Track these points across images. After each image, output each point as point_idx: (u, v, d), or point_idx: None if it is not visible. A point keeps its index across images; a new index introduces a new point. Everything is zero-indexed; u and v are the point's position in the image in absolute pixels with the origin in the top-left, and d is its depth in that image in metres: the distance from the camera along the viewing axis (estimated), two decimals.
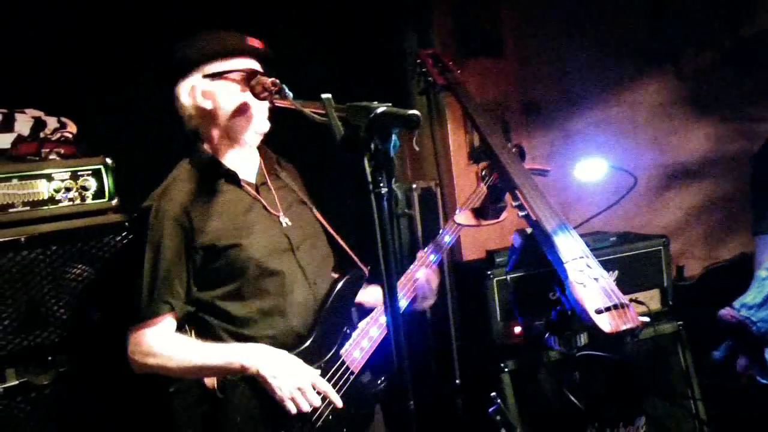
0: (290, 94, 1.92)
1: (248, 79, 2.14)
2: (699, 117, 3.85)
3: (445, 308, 3.45)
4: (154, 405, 2.51)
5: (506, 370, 2.99)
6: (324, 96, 1.48)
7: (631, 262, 3.20)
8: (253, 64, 2.21)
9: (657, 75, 3.95)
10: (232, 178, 2.24)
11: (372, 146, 1.34)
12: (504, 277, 2.88)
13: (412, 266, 2.44)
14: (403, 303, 2.39)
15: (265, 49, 2.24)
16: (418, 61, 2.57)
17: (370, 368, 2.30)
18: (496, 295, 3.04)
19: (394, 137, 1.35)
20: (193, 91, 2.20)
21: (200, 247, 2.13)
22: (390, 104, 1.36)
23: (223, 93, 2.18)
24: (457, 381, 3.50)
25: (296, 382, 2.09)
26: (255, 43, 2.22)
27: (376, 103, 1.36)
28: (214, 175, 2.21)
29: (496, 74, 4.11)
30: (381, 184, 1.35)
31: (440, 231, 2.46)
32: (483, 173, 2.39)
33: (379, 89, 3.63)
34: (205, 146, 2.26)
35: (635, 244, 3.25)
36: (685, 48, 3.86)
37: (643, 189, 3.92)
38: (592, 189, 3.49)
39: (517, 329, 3.05)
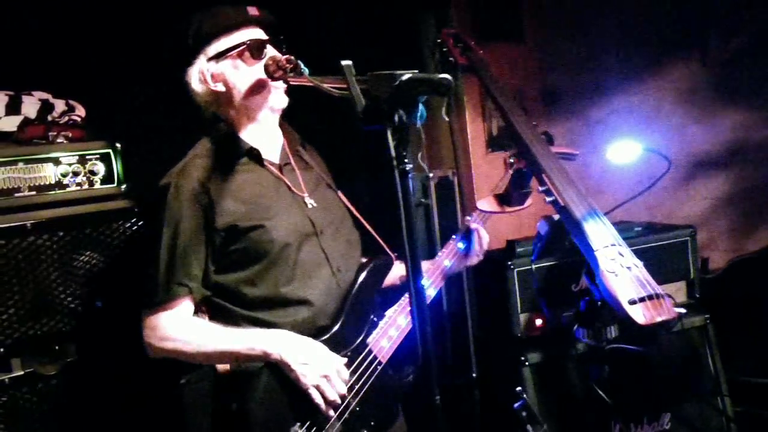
0: (306, 71, 1.82)
1: (256, 49, 2.06)
2: (726, 104, 3.73)
3: (462, 299, 3.38)
4: (165, 397, 2.46)
5: (527, 363, 2.89)
6: (344, 63, 1.37)
7: (657, 253, 3.11)
8: (257, 33, 2.11)
9: (683, 61, 3.84)
10: (255, 156, 2.15)
11: (396, 118, 1.24)
12: (528, 267, 2.78)
13: (439, 254, 2.36)
14: (431, 292, 2.31)
15: (266, 16, 2.14)
16: (439, 41, 2.46)
17: (398, 359, 2.21)
18: (517, 286, 2.96)
19: (421, 106, 1.25)
20: (203, 76, 2.12)
21: (221, 227, 2.04)
22: (416, 71, 1.26)
23: (233, 72, 2.09)
24: (474, 374, 3.39)
25: (321, 369, 2.00)
26: (252, 11, 2.11)
27: (400, 71, 1.26)
28: (235, 154, 2.13)
29: (514, 60, 4.01)
30: (405, 160, 1.26)
31: (467, 217, 2.37)
32: (511, 160, 2.28)
33: None
34: (225, 126, 2.18)
35: (661, 234, 3.17)
36: (712, 33, 3.74)
37: (666, 178, 3.81)
38: (613, 177, 3.40)
39: (539, 321, 2.96)
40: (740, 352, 3.35)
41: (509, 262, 2.95)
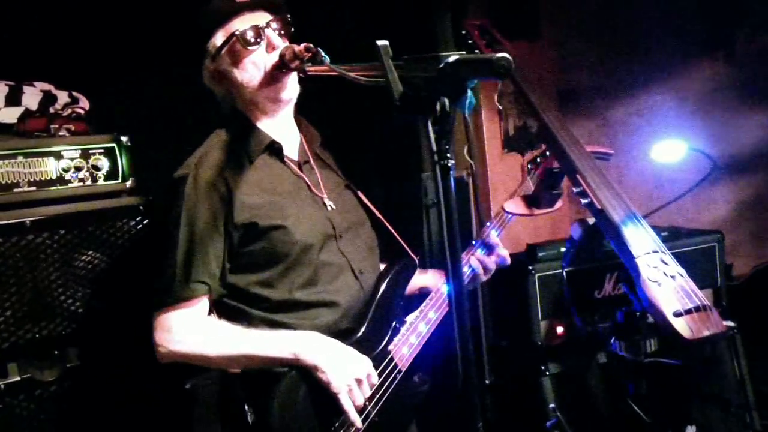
0: (327, 58, 1.69)
1: (248, 38, 1.95)
2: (752, 106, 3.61)
3: (476, 304, 3.27)
4: (171, 403, 2.36)
5: (548, 373, 2.77)
6: (380, 43, 1.24)
7: (684, 259, 2.95)
8: (258, 17, 1.99)
9: (707, 60, 3.72)
10: (277, 150, 2.06)
11: (438, 107, 1.11)
12: (549, 272, 2.66)
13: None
14: None
15: None
16: (464, 32, 2.34)
17: (414, 367, 2.12)
18: (538, 292, 2.83)
19: (470, 93, 1.12)
20: (211, 74, 2.05)
21: (239, 223, 1.94)
22: (463, 52, 1.14)
23: (237, 65, 1.99)
24: (487, 381, 3.29)
25: (355, 372, 1.91)
26: None
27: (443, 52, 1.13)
28: (255, 147, 2.03)
29: (530, 58, 3.88)
30: (448, 155, 1.13)
31: (487, 223, 2.25)
32: (529, 166, 2.16)
33: None
34: (244, 119, 2.08)
35: (687, 239, 3.05)
36: (737, 31, 3.62)
37: (688, 182, 3.69)
38: (631, 180, 3.27)
39: (560, 329, 2.83)
40: (764, 363, 3.23)
41: (530, 267, 2.82)
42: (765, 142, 3.58)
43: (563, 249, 2.77)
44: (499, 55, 1.08)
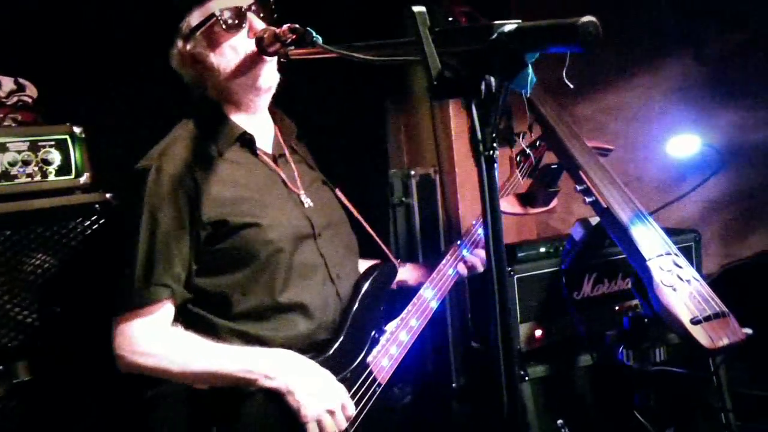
0: (319, 39, 1.53)
1: (230, 20, 1.80)
2: (721, 104, 3.58)
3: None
4: (130, 417, 2.17)
5: (527, 378, 2.67)
6: (416, 9, 1.08)
7: None
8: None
9: (676, 58, 3.66)
10: (248, 142, 1.92)
11: (483, 87, 0.96)
12: (528, 273, 2.55)
13: (443, 261, 2.13)
14: (434, 304, 2.09)
15: None
16: (450, 18, 2.21)
17: (395, 378, 2.02)
18: (516, 294, 2.72)
19: (530, 69, 0.98)
20: (182, 56, 1.90)
21: (207, 221, 1.79)
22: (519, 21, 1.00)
23: (213, 49, 1.85)
24: (454, 384, 3.27)
25: (327, 402, 1.78)
26: None
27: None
28: (225, 138, 1.89)
29: None
30: (495, 144, 0.98)
31: (474, 222, 2.14)
32: (518, 158, 2.05)
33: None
34: (214, 107, 1.94)
35: None
36: (707, 28, 3.59)
37: (656, 181, 3.65)
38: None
39: (539, 333, 2.73)
40: (739, 363, 3.20)
41: (509, 268, 2.71)
42: (733, 140, 3.56)
43: (543, 249, 2.69)
44: (586, 18, 0.94)
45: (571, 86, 1.13)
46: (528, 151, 2.03)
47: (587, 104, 3.78)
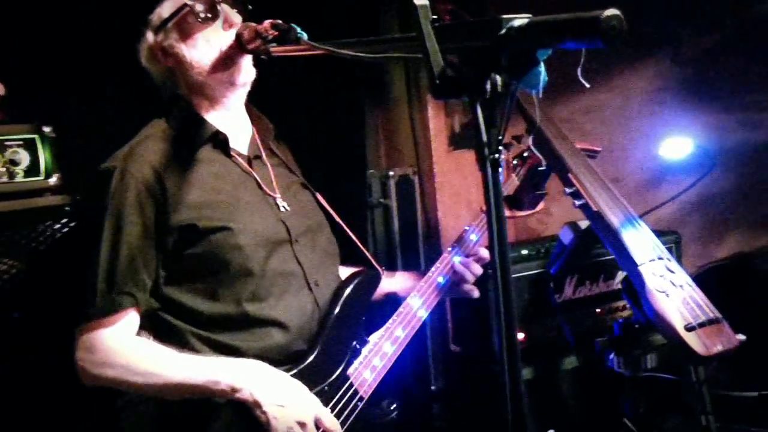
0: (304, 35, 1.47)
1: (203, 12, 1.75)
2: (697, 105, 3.59)
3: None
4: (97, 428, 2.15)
5: None
6: (419, 2, 1.02)
7: None
8: None
9: (652, 59, 3.67)
10: (221, 142, 1.85)
11: (488, 87, 0.91)
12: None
13: (433, 269, 2.07)
14: (422, 313, 2.03)
15: None
16: (435, 16, 2.15)
17: (380, 392, 1.94)
18: None
19: (542, 67, 0.93)
20: (152, 50, 1.84)
21: (175, 225, 1.73)
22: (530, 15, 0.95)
23: (186, 41, 1.80)
24: (432, 387, 3.23)
25: (297, 414, 1.70)
26: None
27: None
28: (197, 138, 1.83)
29: None
30: (501, 147, 0.93)
31: (466, 227, 2.09)
32: (515, 162, 2.01)
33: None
34: (186, 106, 1.87)
35: None
36: (683, 30, 3.60)
37: (632, 182, 3.64)
38: None
39: (520, 335, 2.70)
40: (718, 365, 3.21)
41: (489, 271, 2.68)
42: (710, 141, 3.57)
43: (525, 251, 2.67)
44: (610, 12, 0.89)
45: (588, 85, 1.07)
46: (525, 154, 2.00)
47: (564, 105, 3.75)
